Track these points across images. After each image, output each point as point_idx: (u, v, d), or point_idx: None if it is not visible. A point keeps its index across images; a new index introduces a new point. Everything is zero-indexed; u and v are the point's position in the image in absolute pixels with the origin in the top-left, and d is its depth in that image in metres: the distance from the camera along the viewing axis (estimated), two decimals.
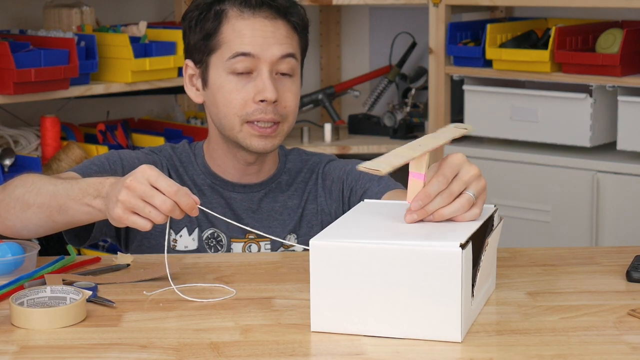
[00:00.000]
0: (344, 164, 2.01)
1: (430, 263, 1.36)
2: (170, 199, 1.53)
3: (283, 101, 1.89)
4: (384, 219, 1.51)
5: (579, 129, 3.24)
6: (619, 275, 1.67)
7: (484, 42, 3.37)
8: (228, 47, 1.88)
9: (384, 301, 1.38)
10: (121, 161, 1.91)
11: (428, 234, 1.43)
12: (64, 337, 1.41)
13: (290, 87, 1.90)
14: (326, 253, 1.39)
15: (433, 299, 1.36)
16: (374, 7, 4.01)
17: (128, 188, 1.54)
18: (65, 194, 1.68)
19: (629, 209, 3.12)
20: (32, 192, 1.72)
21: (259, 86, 1.87)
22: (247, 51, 1.86)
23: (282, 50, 1.88)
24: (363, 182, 1.95)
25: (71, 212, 1.68)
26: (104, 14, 3.51)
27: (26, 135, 3.19)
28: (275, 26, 1.88)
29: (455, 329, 1.37)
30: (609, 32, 3.24)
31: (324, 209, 1.98)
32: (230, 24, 1.88)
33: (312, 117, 4.01)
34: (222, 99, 1.89)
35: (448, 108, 3.51)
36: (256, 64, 1.87)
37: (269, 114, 1.87)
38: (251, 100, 1.87)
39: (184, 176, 1.96)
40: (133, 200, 1.53)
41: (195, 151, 1.99)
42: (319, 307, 1.41)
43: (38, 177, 1.76)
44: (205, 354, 1.35)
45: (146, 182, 1.53)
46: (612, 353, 1.34)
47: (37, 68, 2.88)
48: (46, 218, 1.71)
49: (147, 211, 1.53)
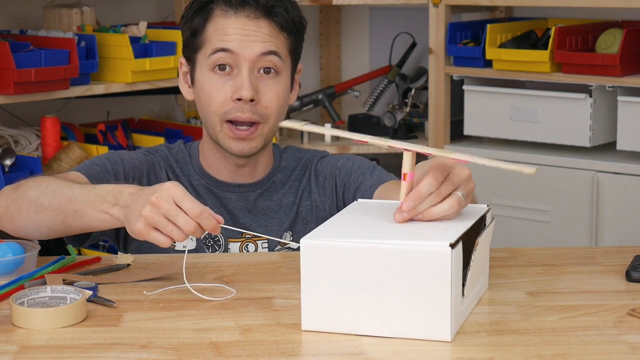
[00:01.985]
0: (335, 160, 2.00)
1: (420, 262, 1.36)
2: (194, 221, 1.53)
3: (264, 101, 1.88)
4: (375, 218, 1.51)
5: (579, 129, 3.24)
6: (618, 275, 1.67)
7: (484, 42, 3.37)
8: (210, 44, 1.88)
9: (374, 300, 1.38)
10: (122, 162, 1.91)
11: (418, 233, 1.43)
12: (64, 337, 1.41)
13: (273, 86, 1.89)
14: (317, 252, 1.39)
15: (423, 298, 1.36)
16: (374, 7, 4.01)
17: (153, 205, 1.54)
18: (82, 199, 1.67)
19: (629, 209, 3.12)
20: (47, 195, 1.71)
21: (237, 84, 1.86)
22: (227, 47, 1.86)
23: (262, 48, 1.87)
24: (355, 176, 1.95)
25: (87, 218, 1.67)
26: (104, 14, 3.51)
27: (26, 135, 3.19)
28: (257, 25, 1.87)
29: (445, 328, 1.37)
30: (609, 32, 3.24)
31: (319, 205, 1.98)
32: (214, 22, 1.89)
33: (312, 117, 4.01)
34: (204, 96, 1.90)
35: (448, 108, 3.51)
36: (236, 61, 1.87)
37: (245, 112, 1.86)
38: (230, 98, 1.87)
39: (180, 177, 1.96)
40: (156, 217, 1.54)
41: (191, 151, 1.99)
42: (310, 306, 1.41)
43: (53, 180, 1.75)
44: (205, 354, 1.35)
45: (171, 201, 1.54)
46: (612, 353, 1.34)
47: (37, 68, 2.88)
48: (60, 222, 1.71)
49: (169, 229, 1.54)
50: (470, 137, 3.54)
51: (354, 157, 2.01)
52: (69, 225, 1.71)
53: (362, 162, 1.99)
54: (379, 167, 1.99)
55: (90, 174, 1.84)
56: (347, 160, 2.00)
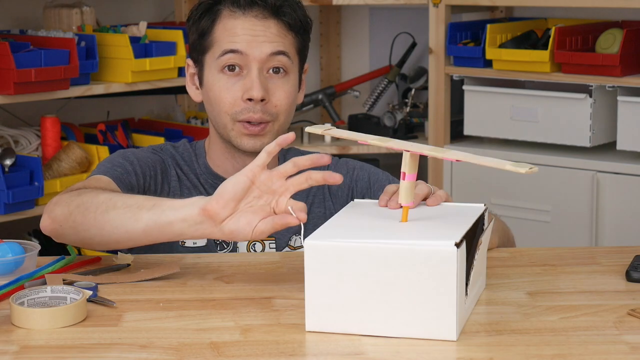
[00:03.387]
0: (347, 169, 2.00)
1: (425, 262, 1.36)
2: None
3: (273, 100, 1.89)
4: (375, 218, 1.52)
5: (579, 129, 3.24)
6: (618, 275, 1.67)
7: (483, 42, 3.37)
8: (219, 46, 1.89)
9: (379, 300, 1.38)
10: (138, 161, 1.90)
11: (422, 233, 1.43)
12: (64, 337, 1.41)
13: (282, 85, 1.90)
14: (321, 252, 1.39)
15: (428, 298, 1.36)
16: (374, 7, 4.01)
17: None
18: (162, 200, 1.63)
19: (629, 209, 3.12)
20: (121, 197, 1.67)
21: (247, 84, 1.87)
22: (236, 48, 1.87)
23: (271, 48, 1.88)
24: (375, 189, 1.96)
25: (163, 208, 1.60)
26: (104, 14, 3.51)
27: (26, 135, 3.19)
28: (265, 25, 1.88)
29: (450, 327, 1.37)
30: (609, 32, 3.24)
31: (333, 212, 1.97)
32: (222, 23, 1.89)
33: (312, 117, 4.01)
34: (214, 97, 1.90)
35: (448, 108, 3.51)
36: (245, 61, 1.87)
37: (257, 113, 1.87)
38: (240, 99, 1.88)
39: (188, 175, 1.96)
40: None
41: (197, 151, 1.99)
42: (314, 307, 1.41)
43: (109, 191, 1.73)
44: (205, 354, 1.35)
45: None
46: (612, 353, 1.34)
47: (37, 68, 2.88)
48: (130, 216, 1.62)
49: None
50: (470, 137, 3.54)
51: (368, 167, 2.01)
52: (138, 219, 1.60)
53: (378, 174, 1.99)
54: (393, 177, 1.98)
55: (115, 177, 1.83)
56: (361, 170, 2.00)
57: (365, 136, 1.55)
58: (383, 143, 1.53)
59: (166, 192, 1.93)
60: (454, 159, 1.47)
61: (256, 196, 1.55)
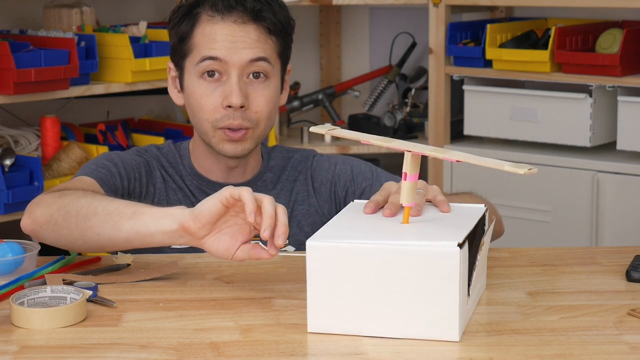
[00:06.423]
0: (329, 164, 1.99)
1: (428, 262, 1.36)
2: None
3: (254, 106, 1.87)
4: (377, 218, 1.51)
5: (579, 129, 3.24)
6: (618, 275, 1.67)
7: (484, 42, 3.37)
8: (198, 51, 1.88)
9: (381, 301, 1.38)
10: (122, 163, 1.91)
11: (424, 233, 1.43)
12: (64, 337, 1.41)
13: (262, 91, 1.88)
14: (323, 254, 1.39)
15: (431, 298, 1.36)
16: (374, 7, 4.00)
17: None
18: (143, 206, 1.65)
19: (629, 209, 3.12)
20: (102, 202, 1.67)
21: (227, 91, 1.86)
22: (215, 55, 1.86)
23: (251, 54, 1.86)
24: (358, 182, 1.95)
25: (144, 218, 1.62)
26: (104, 14, 3.51)
27: (26, 135, 3.19)
28: (244, 30, 1.86)
29: (453, 328, 1.37)
30: (609, 32, 3.24)
31: (317, 209, 1.97)
32: (201, 28, 1.88)
33: (312, 117, 4.01)
34: (195, 104, 1.89)
35: (448, 108, 3.51)
36: (225, 68, 1.86)
37: (237, 119, 1.86)
38: (220, 105, 1.86)
39: (173, 176, 1.96)
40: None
41: (181, 152, 1.99)
42: (316, 308, 1.41)
43: (93, 193, 1.74)
44: (205, 354, 1.35)
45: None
46: (612, 353, 1.34)
47: (37, 68, 2.88)
48: (111, 226, 1.63)
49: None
50: (470, 137, 3.54)
51: (350, 160, 2.00)
52: (119, 228, 1.62)
53: (360, 166, 1.98)
54: (378, 168, 1.98)
55: (99, 178, 1.84)
56: (343, 164, 1.99)
57: (367, 136, 1.55)
58: (385, 143, 1.53)
59: (152, 193, 1.93)
60: (454, 160, 1.47)
61: (233, 215, 1.57)
